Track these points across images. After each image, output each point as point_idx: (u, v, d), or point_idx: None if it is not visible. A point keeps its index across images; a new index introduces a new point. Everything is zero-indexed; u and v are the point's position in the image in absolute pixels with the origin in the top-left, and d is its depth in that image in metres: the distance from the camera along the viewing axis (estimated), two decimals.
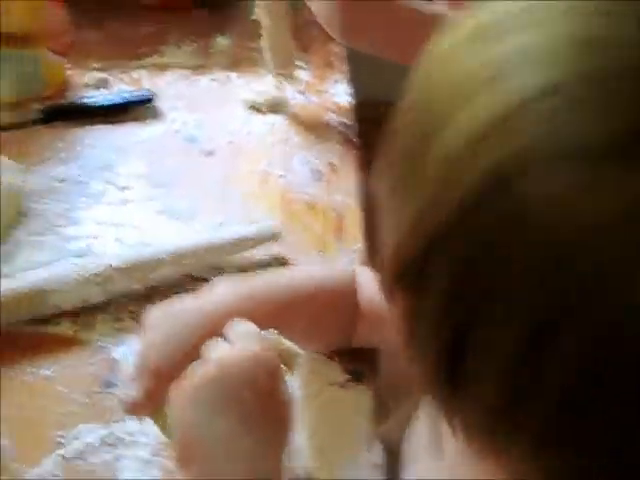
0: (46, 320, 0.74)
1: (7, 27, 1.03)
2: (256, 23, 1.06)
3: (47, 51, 1.08)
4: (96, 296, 0.74)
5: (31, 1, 1.05)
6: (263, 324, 0.56)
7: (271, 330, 0.56)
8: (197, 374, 0.53)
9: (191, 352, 0.55)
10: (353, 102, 1.08)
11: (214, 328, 0.56)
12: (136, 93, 1.08)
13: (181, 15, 1.34)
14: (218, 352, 0.54)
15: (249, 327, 0.55)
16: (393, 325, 0.38)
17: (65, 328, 0.73)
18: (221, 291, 0.61)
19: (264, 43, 1.08)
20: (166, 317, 0.61)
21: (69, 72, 1.14)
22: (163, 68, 1.17)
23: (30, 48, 1.06)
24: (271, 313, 0.60)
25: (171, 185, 0.92)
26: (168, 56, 1.21)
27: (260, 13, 1.05)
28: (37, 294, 0.72)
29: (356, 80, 1.13)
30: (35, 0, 1.05)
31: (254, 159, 0.97)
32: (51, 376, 0.70)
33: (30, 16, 1.05)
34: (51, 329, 0.73)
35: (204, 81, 1.14)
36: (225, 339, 0.55)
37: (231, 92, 1.11)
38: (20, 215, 0.86)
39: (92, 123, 1.03)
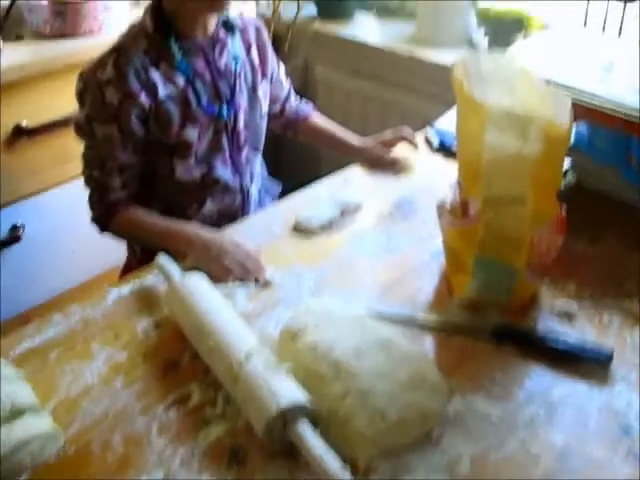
0: None
1: (504, 233, 1.05)
2: None
3: (526, 268, 1.07)
4: None
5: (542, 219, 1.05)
6: None
7: None
8: None
9: None
10: None
11: None
12: (595, 348, 1.02)
13: None
14: None
15: None
16: None
17: None
18: None
19: None
20: None
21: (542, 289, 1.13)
22: (638, 320, 1.09)
23: (510, 260, 1.07)
24: None
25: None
26: None
27: None
28: None
29: None
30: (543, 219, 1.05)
31: None
32: None
33: (530, 228, 1.05)
34: None
35: None
36: None
37: None
38: None
39: (538, 359, 1.01)
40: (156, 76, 1.27)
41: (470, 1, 2.14)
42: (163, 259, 1.14)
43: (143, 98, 1.26)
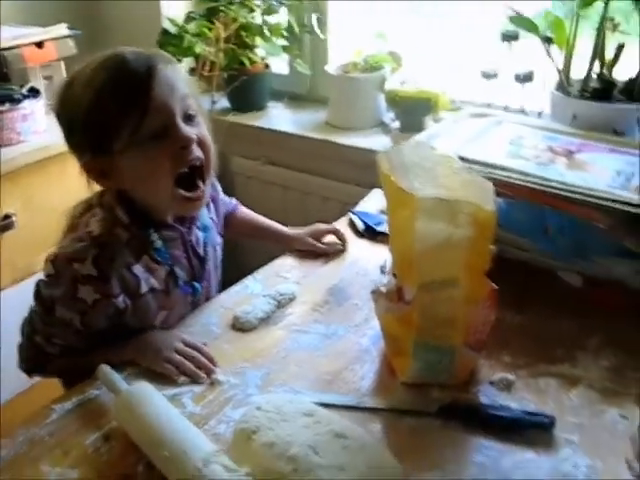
0: None
1: (439, 315, 1.09)
2: None
3: (463, 345, 1.12)
4: None
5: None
6: None
7: None
8: None
9: None
10: None
11: None
12: (536, 416, 1.06)
13: (610, 313, 1.30)
14: None
15: None
16: None
17: None
18: None
19: None
20: None
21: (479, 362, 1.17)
22: (572, 382, 1.14)
23: (447, 340, 1.11)
24: None
25: None
26: (581, 368, 1.18)
27: None
28: None
29: None
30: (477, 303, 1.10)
31: None
32: None
33: (464, 308, 1.09)
34: None
35: (610, 414, 1.08)
36: None
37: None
38: None
39: (485, 432, 1.04)
40: (139, 271, 1.23)
41: (379, 84, 2.23)
42: (106, 370, 1.13)
43: (120, 300, 1.21)
